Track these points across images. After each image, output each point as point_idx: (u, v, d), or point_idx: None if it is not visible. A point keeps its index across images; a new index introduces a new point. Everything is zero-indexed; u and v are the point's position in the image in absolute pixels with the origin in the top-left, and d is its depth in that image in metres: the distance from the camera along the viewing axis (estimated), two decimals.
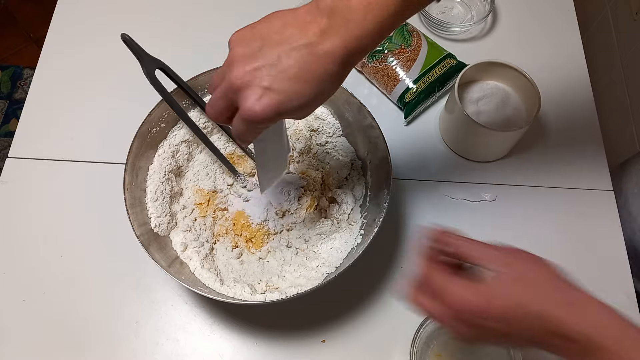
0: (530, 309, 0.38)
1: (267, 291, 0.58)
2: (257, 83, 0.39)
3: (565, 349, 0.38)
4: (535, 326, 0.38)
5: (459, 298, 0.39)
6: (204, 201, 0.65)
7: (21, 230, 0.68)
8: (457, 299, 0.39)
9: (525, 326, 0.38)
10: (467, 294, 0.39)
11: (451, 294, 0.40)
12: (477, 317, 0.39)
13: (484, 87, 0.73)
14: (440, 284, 0.40)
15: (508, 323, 0.38)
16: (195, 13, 0.84)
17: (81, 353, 0.62)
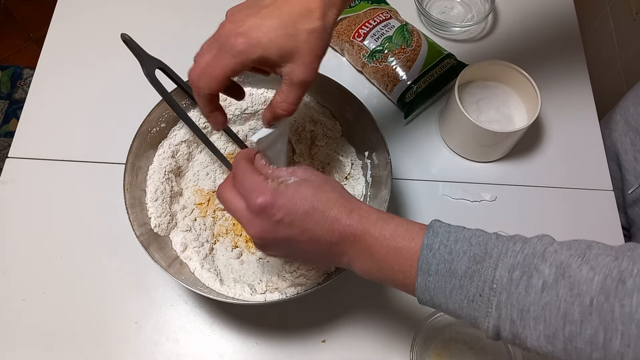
0: (310, 204, 0.42)
1: (267, 291, 0.58)
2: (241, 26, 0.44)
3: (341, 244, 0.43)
4: (315, 224, 0.42)
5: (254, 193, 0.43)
6: (204, 201, 0.65)
7: (21, 230, 0.68)
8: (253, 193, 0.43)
9: (308, 225, 0.42)
10: (264, 187, 0.43)
11: (249, 184, 0.44)
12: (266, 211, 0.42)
13: (484, 87, 0.73)
14: (245, 179, 0.44)
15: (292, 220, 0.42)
16: (195, 13, 0.84)
17: (81, 353, 0.62)
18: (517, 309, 0.36)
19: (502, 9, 0.85)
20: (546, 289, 0.35)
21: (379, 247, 0.42)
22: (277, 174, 0.45)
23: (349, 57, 0.79)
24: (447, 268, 0.39)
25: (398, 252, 0.41)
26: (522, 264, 0.37)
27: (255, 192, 0.43)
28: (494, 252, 0.38)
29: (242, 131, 0.69)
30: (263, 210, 0.42)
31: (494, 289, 0.37)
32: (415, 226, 0.42)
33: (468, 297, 0.39)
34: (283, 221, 0.43)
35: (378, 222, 0.42)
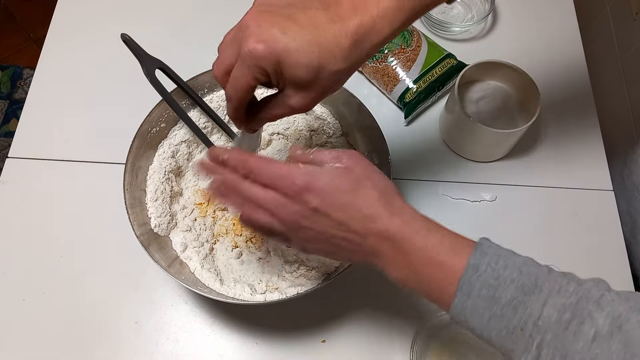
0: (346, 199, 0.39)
1: (267, 291, 0.58)
2: (265, 25, 0.39)
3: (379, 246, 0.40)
4: (351, 218, 0.39)
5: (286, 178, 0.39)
6: (204, 201, 0.65)
7: (21, 230, 0.68)
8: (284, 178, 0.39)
9: (343, 217, 0.39)
10: (295, 171, 0.39)
11: (278, 172, 0.40)
12: (303, 194, 0.39)
13: (484, 87, 0.73)
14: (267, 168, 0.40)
15: (327, 209, 0.39)
16: (195, 13, 0.84)
17: (81, 353, 0.62)
18: (560, 354, 0.34)
19: (502, 9, 0.85)
20: (598, 339, 0.33)
21: (420, 257, 0.39)
22: (320, 158, 0.42)
23: None
24: (491, 294, 0.37)
25: (439, 267, 0.39)
26: (575, 307, 0.34)
27: (287, 177, 0.39)
28: (544, 286, 0.36)
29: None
30: (299, 194, 0.39)
31: (539, 326, 0.35)
32: (462, 241, 0.40)
33: (508, 328, 0.36)
34: (319, 210, 0.39)
35: (422, 231, 0.40)
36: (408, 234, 0.40)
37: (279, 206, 0.40)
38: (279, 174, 0.40)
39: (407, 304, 0.65)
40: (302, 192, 0.39)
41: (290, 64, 0.39)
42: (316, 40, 0.39)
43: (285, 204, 0.40)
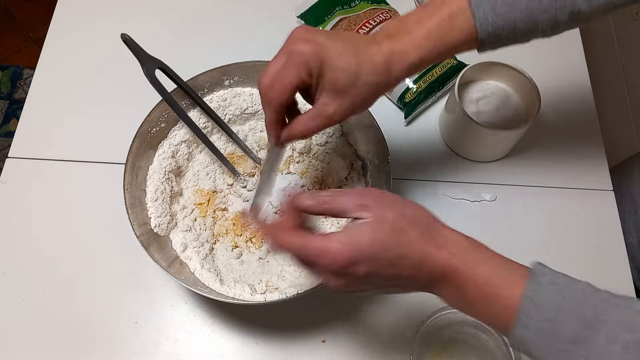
0: (393, 253, 0.39)
1: (267, 291, 0.58)
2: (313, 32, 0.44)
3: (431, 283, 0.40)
4: (401, 268, 0.39)
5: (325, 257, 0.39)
6: (204, 201, 0.65)
7: (21, 230, 0.68)
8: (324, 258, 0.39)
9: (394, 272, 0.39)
10: (331, 247, 0.38)
11: (312, 251, 0.39)
12: (347, 266, 0.38)
13: (484, 87, 0.73)
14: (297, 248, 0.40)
15: (377, 270, 0.39)
16: (195, 13, 0.84)
17: (81, 353, 0.62)
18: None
19: None
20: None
21: (472, 290, 0.39)
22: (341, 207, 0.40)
23: None
24: (551, 328, 0.35)
25: (494, 300, 0.38)
26: None
27: (325, 255, 0.38)
28: (608, 320, 0.34)
29: (242, 131, 0.69)
30: (344, 269, 0.38)
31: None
32: (514, 270, 0.39)
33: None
34: (368, 275, 0.39)
35: (469, 262, 0.39)
36: (457, 266, 0.39)
37: (327, 279, 0.40)
38: (312, 253, 0.39)
39: (407, 303, 0.65)
40: (347, 266, 0.38)
41: (332, 67, 0.43)
42: (355, 52, 0.43)
43: (330, 278, 0.40)
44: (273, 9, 0.84)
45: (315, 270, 0.41)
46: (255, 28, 0.83)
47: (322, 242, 0.39)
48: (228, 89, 0.66)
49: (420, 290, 0.42)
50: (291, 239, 0.41)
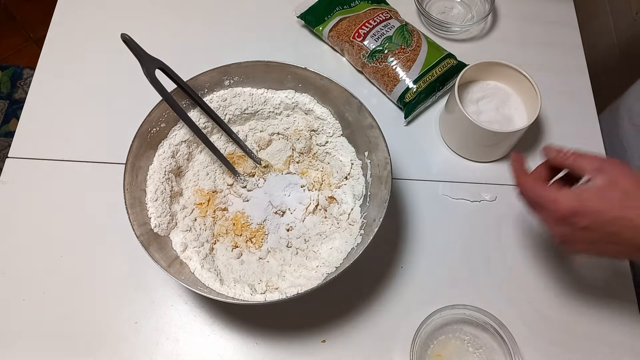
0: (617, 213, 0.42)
1: (267, 291, 0.58)
2: None
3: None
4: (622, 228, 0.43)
5: (553, 204, 0.44)
6: (204, 201, 0.65)
7: (21, 230, 0.68)
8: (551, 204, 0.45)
9: (614, 229, 0.43)
10: (561, 197, 0.44)
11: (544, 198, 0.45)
12: (571, 216, 0.43)
13: (484, 87, 0.73)
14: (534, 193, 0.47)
15: (599, 225, 0.43)
16: (195, 13, 0.84)
17: (81, 353, 0.62)
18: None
19: (502, 9, 0.85)
20: None
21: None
22: (580, 166, 0.45)
23: (349, 57, 0.79)
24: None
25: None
26: None
27: (554, 203, 0.44)
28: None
29: (242, 131, 0.69)
30: (566, 219, 0.44)
31: None
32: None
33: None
34: (589, 228, 0.43)
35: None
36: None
37: (547, 224, 0.47)
38: (544, 199, 0.46)
39: (407, 303, 0.65)
40: (570, 217, 0.44)
41: None
42: None
43: (552, 224, 0.46)
44: (273, 9, 0.84)
45: (542, 216, 0.47)
46: (255, 28, 0.83)
47: (555, 192, 0.45)
48: (228, 89, 0.66)
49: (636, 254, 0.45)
50: (532, 183, 0.48)
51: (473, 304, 0.60)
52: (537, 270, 0.67)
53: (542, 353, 0.63)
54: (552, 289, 0.66)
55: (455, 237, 0.69)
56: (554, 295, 0.66)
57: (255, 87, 0.67)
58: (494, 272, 0.67)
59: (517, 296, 0.66)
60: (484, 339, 0.61)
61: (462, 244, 0.69)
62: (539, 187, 0.47)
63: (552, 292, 0.66)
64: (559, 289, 0.66)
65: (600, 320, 0.65)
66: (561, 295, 0.66)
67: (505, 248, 0.69)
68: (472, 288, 0.66)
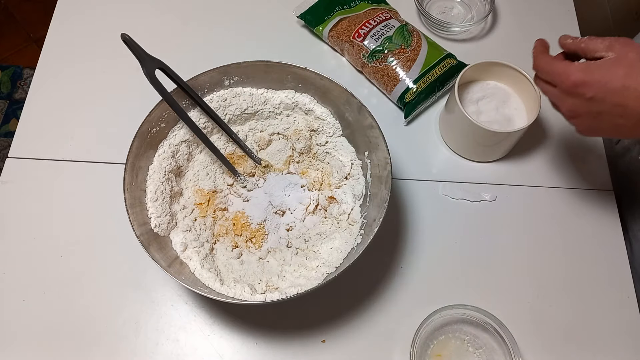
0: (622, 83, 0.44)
1: (267, 291, 0.58)
2: None
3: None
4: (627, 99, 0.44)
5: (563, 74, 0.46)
6: (204, 201, 0.65)
7: (21, 230, 0.68)
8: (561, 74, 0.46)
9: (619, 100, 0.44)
10: (570, 68, 0.46)
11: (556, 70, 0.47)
12: (577, 86, 0.45)
13: (484, 87, 0.73)
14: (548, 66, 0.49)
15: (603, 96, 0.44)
16: (195, 13, 0.84)
17: (81, 353, 0.62)
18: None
19: (502, 9, 0.85)
20: None
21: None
22: (592, 47, 0.47)
23: (349, 57, 0.79)
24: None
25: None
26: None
27: (564, 74, 0.46)
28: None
29: (242, 131, 0.69)
30: (574, 89, 0.45)
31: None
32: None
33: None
34: (595, 98, 0.45)
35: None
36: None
37: (558, 99, 0.48)
38: (556, 71, 0.48)
39: (407, 303, 0.65)
40: (577, 86, 0.45)
41: None
42: None
43: (562, 97, 0.48)
44: (273, 9, 0.84)
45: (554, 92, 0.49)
46: (255, 28, 0.83)
47: (566, 64, 0.47)
48: (228, 89, 0.66)
49: None
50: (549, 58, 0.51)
51: (473, 304, 0.60)
52: (537, 270, 0.67)
53: (542, 353, 0.63)
54: (552, 289, 0.66)
55: (455, 237, 0.69)
56: (554, 295, 0.66)
57: (255, 87, 0.67)
58: (494, 272, 0.67)
59: (517, 296, 0.66)
60: (484, 339, 0.61)
61: (462, 244, 0.69)
62: (552, 60, 0.49)
63: (552, 292, 0.66)
64: (559, 288, 0.66)
65: (600, 320, 0.65)
66: (561, 295, 0.66)
67: (505, 248, 0.69)
68: (472, 288, 0.66)
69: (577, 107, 0.47)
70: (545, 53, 0.52)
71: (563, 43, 0.51)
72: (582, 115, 0.48)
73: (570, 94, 0.47)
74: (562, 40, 0.51)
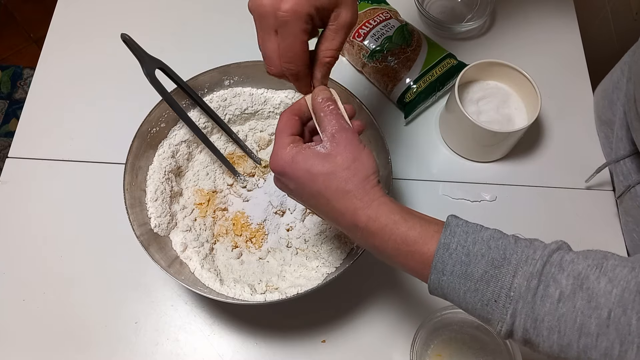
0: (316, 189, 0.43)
1: (267, 291, 0.58)
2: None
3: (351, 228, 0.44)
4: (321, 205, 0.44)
5: (274, 156, 0.45)
6: (204, 201, 0.65)
7: (21, 230, 0.68)
8: (273, 155, 0.45)
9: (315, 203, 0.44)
10: (280, 154, 0.44)
11: (274, 151, 0.45)
12: (280, 175, 0.45)
13: (484, 87, 0.73)
14: (275, 136, 0.46)
15: (300, 194, 0.45)
16: (195, 13, 0.84)
17: (81, 353, 0.62)
18: (531, 319, 0.36)
19: (502, 8, 0.85)
20: (563, 300, 0.35)
21: (389, 249, 0.42)
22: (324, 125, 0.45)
23: (349, 57, 0.79)
24: (463, 270, 0.39)
25: (410, 256, 0.41)
26: (540, 273, 0.36)
27: (273, 155, 0.45)
28: (512, 258, 0.38)
29: (242, 131, 0.69)
30: (280, 174, 0.45)
31: (511, 296, 0.37)
32: (429, 228, 0.41)
33: (483, 300, 0.38)
34: (294, 191, 0.45)
35: (387, 226, 0.41)
36: (375, 229, 0.42)
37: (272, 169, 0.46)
38: (274, 147, 0.45)
39: (407, 303, 0.65)
40: (281, 174, 0.45)
41: None
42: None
43: (275, 175, 0.46)
44: None
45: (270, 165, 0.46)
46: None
47: (281, 145, 0.44)
48: (228, 89, 0.66)
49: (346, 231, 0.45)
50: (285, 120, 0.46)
51: None
52: None
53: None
54: None
55: None
56: None
57: (255, 87, 0.67)
58: None
59: None
60: (484, 339, 0.61)
61: None
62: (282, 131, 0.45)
63: None
64: None
65: None
66: None
67: None
68: None
69: (280, 184, 0.47)
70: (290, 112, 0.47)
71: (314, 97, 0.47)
72: (284, 190, 0.47)
73: (279, 176, 0.45)
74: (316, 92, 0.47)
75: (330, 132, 0.44)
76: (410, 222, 0.42)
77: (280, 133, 0.45)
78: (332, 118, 0.45)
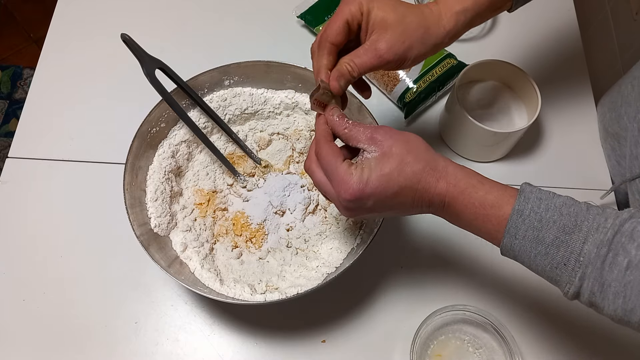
0: (397, 184, 0.44)
1: (267, 291, 0.58)
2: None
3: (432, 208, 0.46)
4: (404, 197, 0.44)
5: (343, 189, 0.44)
6: (204, 201, 0.65)
7: (21, 230, 0.68)
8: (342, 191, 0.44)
9: (398, 201, 0.45)
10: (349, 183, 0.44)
11: (335, 177, 0.45)
12: (357, 202, 0.44)
13: (484, 87, 0.73)
14: (330, 169, 0.45)
15: (382, 201, 0.44)
16: (195, 13, 0.84)
17: (81, 353, 0.62)
18: (599, 283, 0.38)
19: None
20: (630, 268, 0.37)
21: (467, 213, 0.44)
22: (355, 136, 0.46)
23: None
24: (535, 235, 0.41)
25: (486, 219, 0.43)
26: (611, 242, 0.38)
27: (342, 185, 0.44)
28: (584, 225, 0.39)
29: (242, 131, 0.69)
30: (353, 202, 0.44)
31: (581, 261, 0.39)
32: (505, 193, 0.43)
33: (552, 264, 0.40)
34: (374, 207, 0.45)
35: (467, 190, 0.43)
36: (455, 194, 0.44)
37: (339, 207, 0.46)
38: (335, 178, 0.45)
39: (407, 304, 0.65)
40: (357, 199, 0.44)
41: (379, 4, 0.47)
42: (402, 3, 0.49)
43: (343, 206, 0.46)
44: (273, 9, 0.84)
45: (329, 192, 0.46)
46: (255, 28, 0.83)
47: (345, 173, 0.44)
48: (228, 89, 0.66)
49: (422, 212, 0.47)
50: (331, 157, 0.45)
51: (473, 304, 0.60)
52: None
53: (542, 353, 0.63)
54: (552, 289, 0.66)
55: (455, 237, 0.69)
56: (554, 295, 0.66)
57: (255, 87, 0.67)
58: (494, 272, 0.67)
59: (517, 296, 0.66)
60: (484, 339, 0.61)
61: (462, 244, 0.68)
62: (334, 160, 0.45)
63: (552, 291, 0.66)
64: None
65: (600, 319, 0.65)
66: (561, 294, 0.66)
67: None
68: (472, 288, 0.66)
69: (355, 211, 0.46)
70: (328, 141, 0.47)
71: (329, 119, 0.48)
72: (358, 213, 0.47)
73: (349, 204, 0.45)
74: (328, 114, 0.48)
75: (367, 137, 0.45)
76: (487, 185, 0.44)
77: (334, 164, 0.45)
78: (358, 127, 0.46)
